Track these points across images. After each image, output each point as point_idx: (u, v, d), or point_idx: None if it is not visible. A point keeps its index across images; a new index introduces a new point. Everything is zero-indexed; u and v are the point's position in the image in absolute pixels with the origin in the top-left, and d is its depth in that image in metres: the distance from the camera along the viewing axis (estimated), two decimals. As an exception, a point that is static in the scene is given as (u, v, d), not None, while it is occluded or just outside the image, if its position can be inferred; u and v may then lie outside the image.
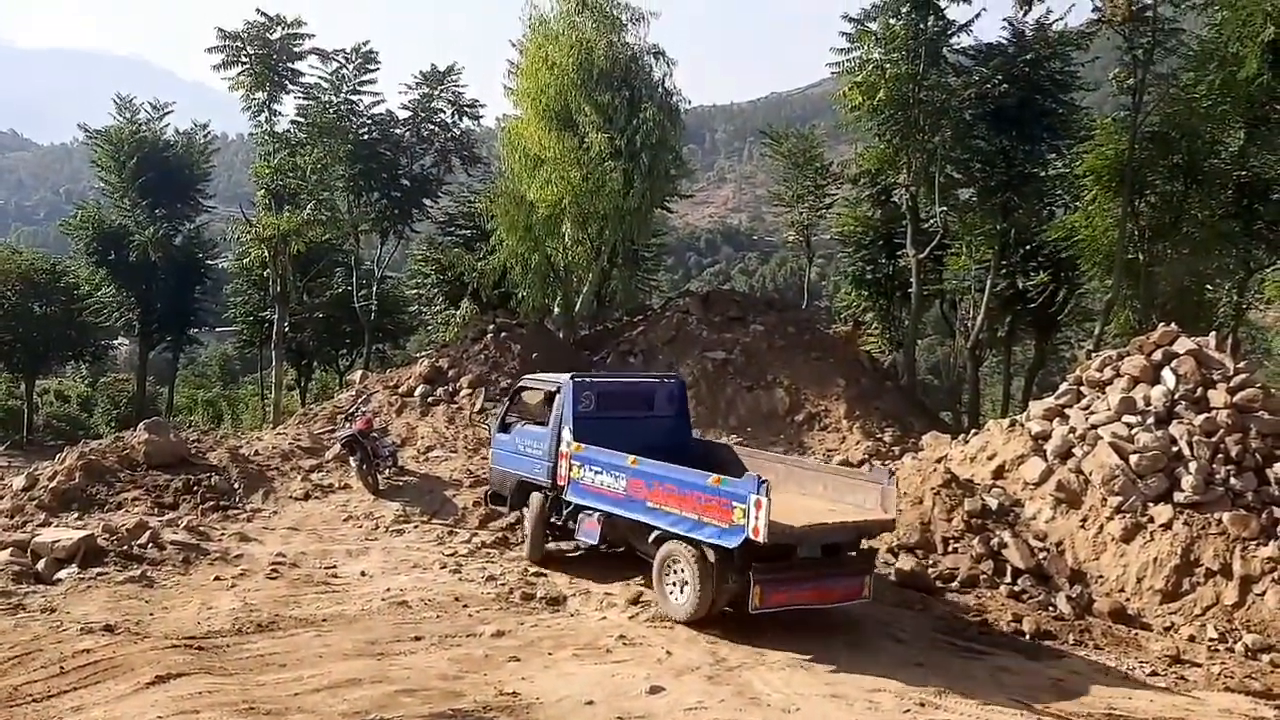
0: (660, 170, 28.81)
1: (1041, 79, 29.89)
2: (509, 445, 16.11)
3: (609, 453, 14.10)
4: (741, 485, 12.14)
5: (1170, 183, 28.43)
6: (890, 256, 34.56)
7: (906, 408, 27.11)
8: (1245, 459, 15.74)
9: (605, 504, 14.12)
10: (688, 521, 12.66)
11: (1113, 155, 27.64)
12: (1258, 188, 28.40)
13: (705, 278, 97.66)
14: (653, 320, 28.94)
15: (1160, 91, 28.16)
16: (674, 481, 13.00)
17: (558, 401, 15.04)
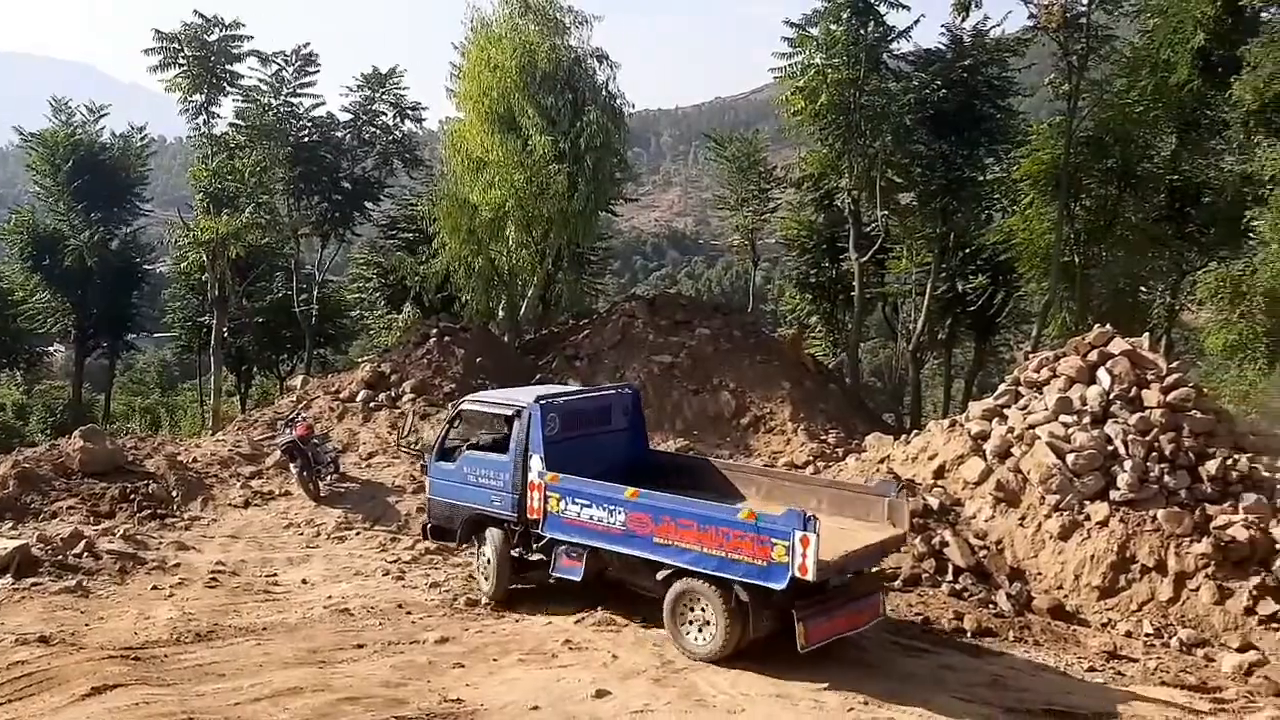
0: (605, 173, 28.78)
1: (979, 85, 30.40)
2: (454, 475, 14.31)
3: (599, 484, 12.82)
4: (782, 521, 11.24)
5: (1104, 187, 29.02)
6: (833, 260, 34.86)
7: (850, 410, 27.32)
8: (1179, 457, 16.03)
9: (596, 540, 12.78)
10: (712, 559, 11.61)
11: (1048, 160, 28.15)
12: (1189, 191, 29.08)
13: (651, 281, 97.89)
14: (598, 324, 28.90)
15: (1094, 97, 28.77)
16: (692, 516, 11.88)
17: (518, 427, 13.47)
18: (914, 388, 34.46)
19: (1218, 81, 26.94)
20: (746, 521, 11.50)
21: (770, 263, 56.08)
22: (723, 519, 11.76)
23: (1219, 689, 12.44)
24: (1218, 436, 16.46)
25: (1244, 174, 26.56)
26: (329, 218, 37.37)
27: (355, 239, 40.62)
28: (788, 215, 37.23)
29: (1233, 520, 14.98)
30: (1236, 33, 26.58)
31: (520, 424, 13.51)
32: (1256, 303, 24.68)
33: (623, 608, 13.71)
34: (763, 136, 40.99)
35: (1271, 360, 26.01)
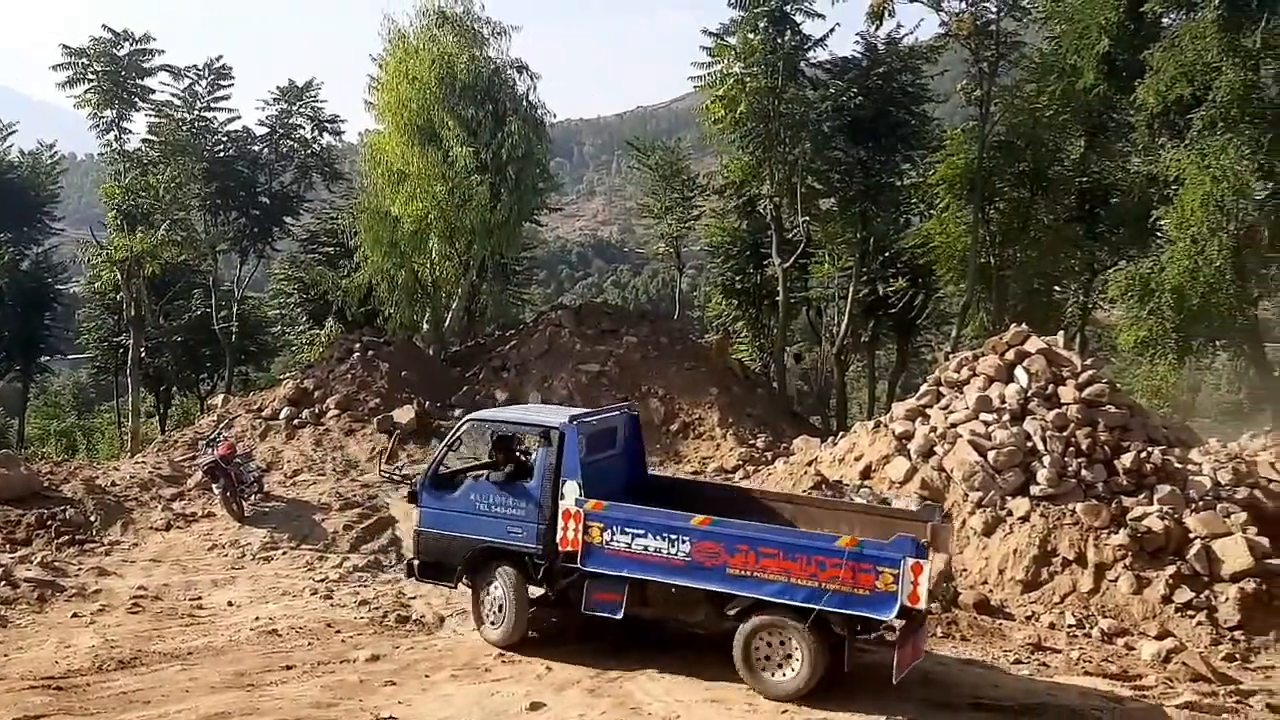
0: (527, 184, 28.75)
1: (894, 92, 30.96)
2: (457, 504, 12.47)
3: (658, 512, 11.67)
4: (891, 548, 10.73)
5: (1017, 190, 29.73)
6: (758, 266, 35.20)
7: (777, 414, 27.61)
8: (1095, 451, 16.47)
9: (650, 573, 11.52)
10: (801, 590, 10.87)
11: (963, 164, 28.75)
12: (1098, 193, 29.92)
13: (578, 291, 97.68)
14: (525, 334, 28.83)
15: (1005, 102, 29.49)
16: (777, 545, 11.08)
17: (547, 449, 12.06)
18: (839, 390, 34.90)
19: (1122, 85, 27.80)
20: (849, 549, 10.83)
21: (696, 269, 56.36)
22: (817, 547, 11.01)
23: (1139, 676, 12.78)
24: (1132, 430, 16.96)
25: (1149, 175, 27.43)
26: (247, 233, 36.85)
27: (275, 254, 40.07)
28: (711, 222, 37.53)
29: (1148, 512, 15.42)
30: (1139, 38, 27.45)
31: (549, 446, 12.03)
32: (1165, 299, 25.45)
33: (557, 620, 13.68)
34: (685, 145, 41.36)
35: (1181, 355, 26.87)
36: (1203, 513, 15.33)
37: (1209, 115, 24.91)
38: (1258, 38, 24.49)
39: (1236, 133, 24.61)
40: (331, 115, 37.51)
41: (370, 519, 19.00)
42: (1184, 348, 26.62)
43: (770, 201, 31.71)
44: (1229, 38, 24.77)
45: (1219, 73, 24.77)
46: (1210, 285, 24.92)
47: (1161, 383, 29.34)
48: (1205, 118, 25.00)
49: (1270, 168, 25.25)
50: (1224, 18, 24.89)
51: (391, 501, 20.06)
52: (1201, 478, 16.04)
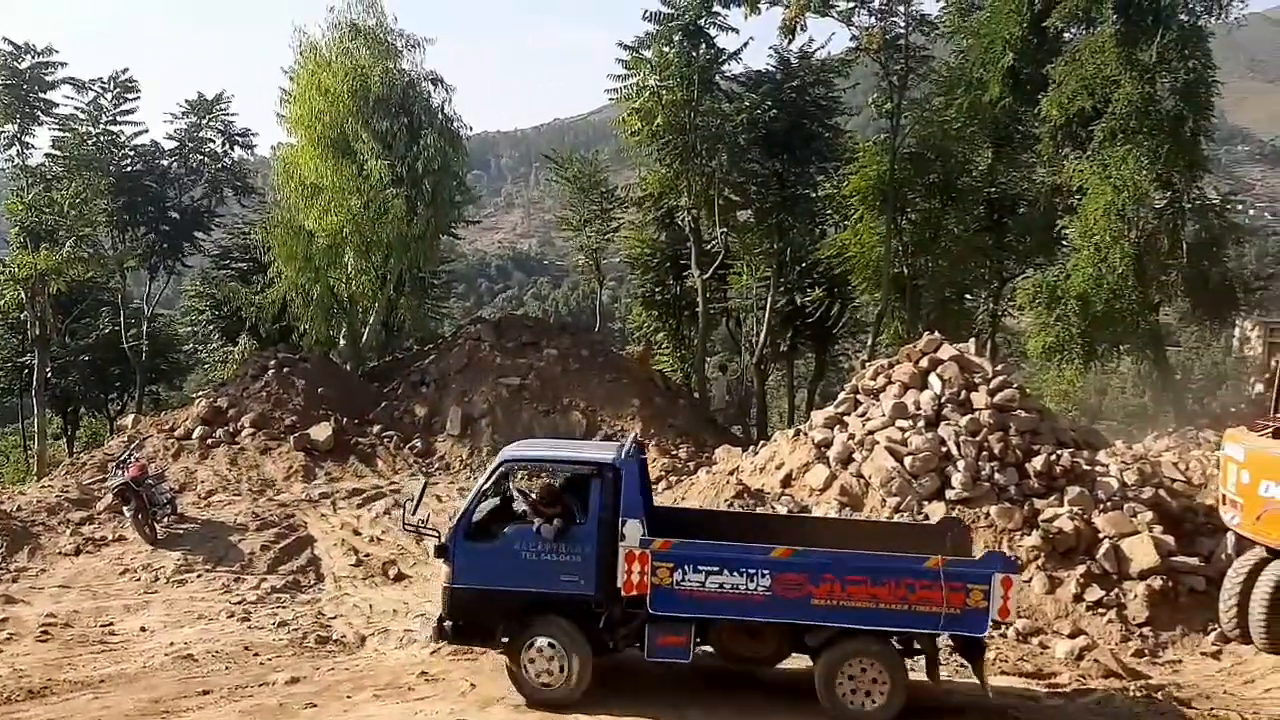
0: (444, 196, 28.65)
1: (807, 104, 31.45)
2: (497, 555, 11.06)
3: (733, 546, 11.11)
4: (981, 565, 10.92)
5: (928, 200, 30.32)
6: (677, 277, 35.37)
7: (699, 424, 27.77)
8: (1007, 455, 16.86)
9: (727, 612, 10.95)
10: (890, 615, 10.76)
11: (875, 175, 29.24)
12: (1005, 203, 30.67)
13: (498, 304, 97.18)
14: (444, 348, 28.63)
15: (915, 115, 30.09)
16: (864, 570, 10.81)
17: (601, 487, 11.07)
18: (760, 399, 35.20)
19: (1027, 98, 28.58)
20: (937, 569, 10.74)
21: (616, 281, 56.49)
22: (905, 569, 10.84)
23: (1054, 674, 13.10)
24: (1041, 434, 17.39)
25: (1054, 185, 28.20)
26: (156, 249, 36.07)
27: (186, 270, 39.21)
28: (630, 234, 37.62)
29: (1059, 513, 15.82)
30: (1042, 52, 28.25)
31: (604, 484, 11.07)
32: (1071, 306, 26.21)
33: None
34: (602, 157, 41.36)
35: (1087, 360, 27.67)
36: (1111, 513, 15.77)
37: (1109, 127, 25.73)
38: (1153, 52, 25.37)
39: (1135, 144, 25.45)
40: (243, 128, 36.95)
41: (288, 539, 18.74)
42: (1089, 353, 27.41)
43: (688, 213, 31.93)
44: (1126, 52, 25.64)
45: (1117, 86, 25.61)
46: (1113, 292, 25.72)
47: (1069, 387, 30.24)
48: (1105, 129, 25.82)
49: (1167, 177, 26.19)
50: (1121, 33, 25.79)
51: (310, 520, 19.79)
52: (1109, 479, 16.51)
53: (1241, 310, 30.24)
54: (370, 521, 19.97)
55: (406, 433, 25.12)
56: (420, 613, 14.81)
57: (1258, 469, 13.35)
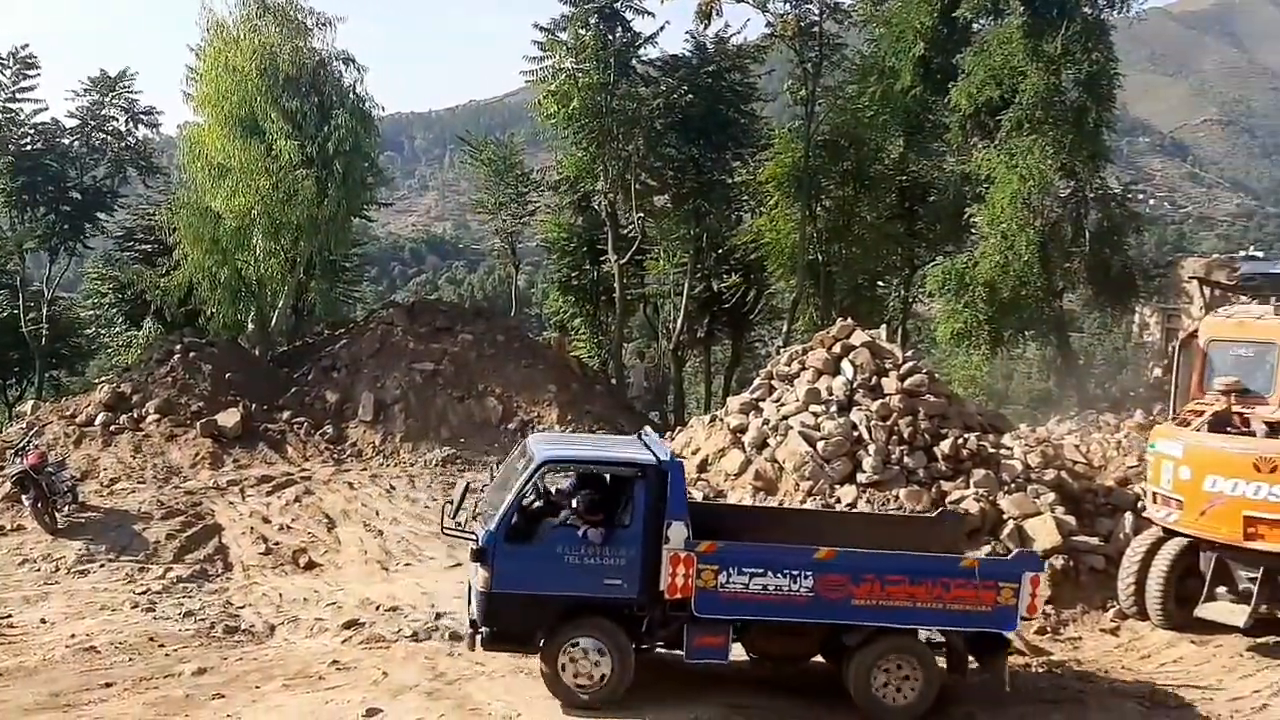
0: (355, 178, 28.17)
1: (723, 90, 31.56)
2: (540, 558, 10.81)
3: (777, 548, 11.15)
4: (1012, 564, 11.42)
5: (842, 188, 30.72)
6: (594, 262, 35.29)
7: (616, 410, 27.79)
8: (916, 439, 17.17)
9: (770, 614, 11.01)
10: (927, 614, 11.06)
11: (790, 162, 29.53)
12: (916, 191, 31.23)
13: (411, 288, 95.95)
14: (356, 333, 28.19)
15: (829, 102, 30.46)
16: (902, 571, 11.02)
17: (645, 488, 10.90)
18: (677, 385, 35.37)
19: (938, 87, 29.07)
20: (971, 568, 11.16)
21: (533, 266, 56.16)
22: (941, 570, 11.18)
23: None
24: (950, 418, 17.75)
25: (963, 174, 28.73)
26: (57, 230, 34.87)
27: (88, 252, 37.99)
28: (547, 218, 37.44)
29: (965, 495, 16.15)
30: (952, 42, 28.76)
31: (648, 485, 10.90)
32: (978, 293, 26.76)
33: (393, 625, 13.48)
34: (518, 140, 41.08)
35: (994, 346, 28.31)
36: (1015, 494, 16.16)
37: (1016, 117, 26.28)
38: (1058, 44, 25.96)
39: (1041, 134, 26.04)
40: (147, 106, 35.83)
41: (195, 527, 18.34)
42: (996, 338, 28.03)
43: (605, 198, 31.90)
44: (1032, 44, 26.20)
45: (1024, 77, 26.17)
46: (1019, 279, 26.33)
47: (976, 372, 30.89)
48: (1012, 119, 26.37)
49: (1072, 167, 26.86)
50: (1028, 24, 26.34)
51: (217, 508, 19.39)
52: (1013, 461, 16.91)
53: (1141, 297, 31.15)
54: (280, 509, 19.62)
55: (317, 419, 24.72)
56: (331, 601, 14.62)
57: (1200, 464, 13.46)
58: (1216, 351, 14.89)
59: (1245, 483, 12.89)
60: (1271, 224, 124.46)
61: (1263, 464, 12.76)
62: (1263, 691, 12.09)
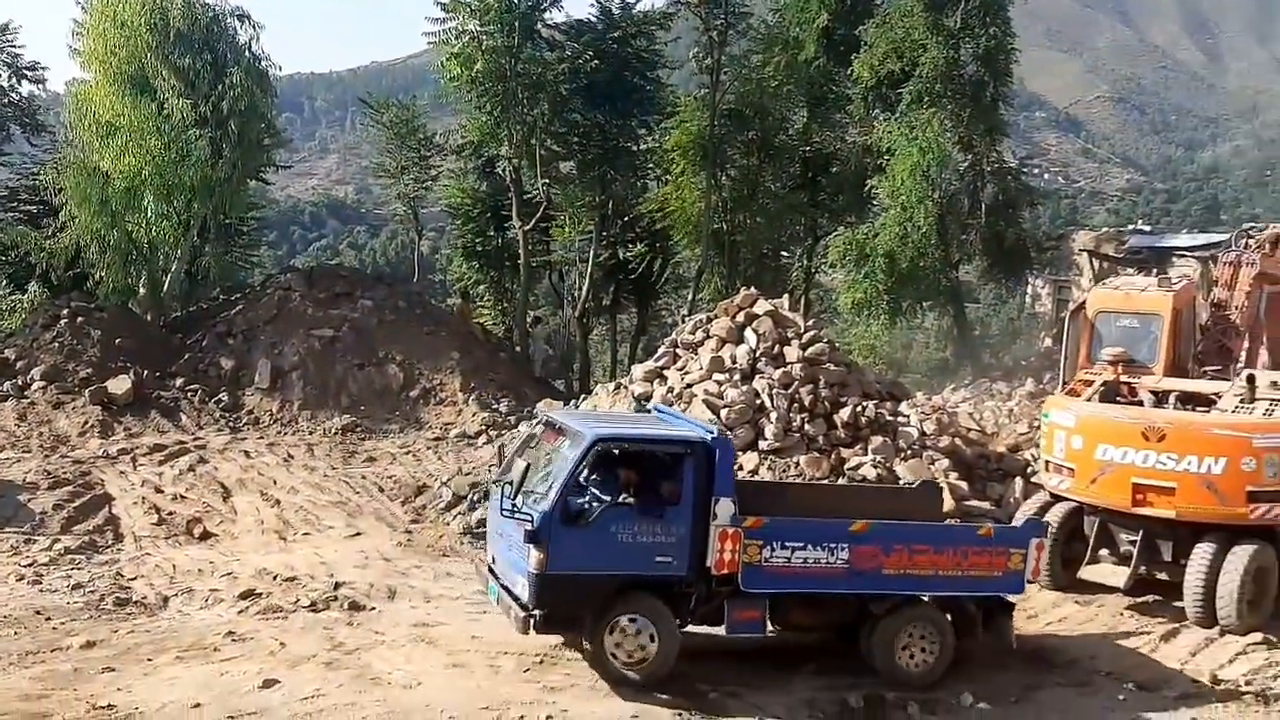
0: (251, 139, 27.59)
1: (629, 56, 31.44)
2: (595, 538, 10.61)
3: (817, 523, 11.38)
4: (1020, 531, 12.15)
5: (747, 157, 30.92)
6: (499, 228, 34.93)
7: (521, 378, 27.72)
8: (817, 407, 17.44)
9: (809, 586, 11.21)
10: (947, 581, 11.45)
11: (696, 131, 29.60)
12: (819, 162, 31.58)
13: (312, 253, 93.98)
14: (253, 299, 27.59)
15: (734, 71, 30.50)
16: (927, 540, 11.48)
17: (693, 466, 10.85)
18: (582, 353, 35.34)
19: (840, 59, 29.41)
20: (987, 537, 11.85)
21: (436, 231, 55.42)
22: (962, 538, 11.90)
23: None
24: (849, 386, 18.05)
25: (865, 145, 29.15)
26: (-66, 191, 33.31)
27: (-32, 213, 36.34)
28: (450, 183, 36.93)
29: (863, 461, 16.52)
30: (855, 14, 29.11)
31: (696, 462, 10.85)
32: (878, 264, 27.25)
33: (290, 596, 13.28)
34: (421, 103, 40.36)
35: (892, 315, 28.88)
36: (910, 460, 16.57)
37: (916, 90, 26.75)
38: (958, 18, 26.49)
39: (940, 107, 26.57)
40: (31, 62, 34.29)
41: (84, 497, 17.77)
42: (895, 308, 28.60)
43: (509, 163, 31.56)
44: (933, 17, 26.69)
45: (924, 50, 26.63)
46: (918, 250, 26.88)
47: (876, 341, 31.49)
48: (913, 92, 26.83)
49: (969, 140, 27.46)
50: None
51: (107, 478, 18.84)
52: (910, 428, 17.31)
53: (1034, 269, 32.10)
54: (174, 479, 19.15)
55: (212, 386, 24.17)
56: (227, 572, 14.33)
57: (1092, 434, 13.82)
58: (1104, 322, 15.40)
59: (1135, 451, 13.34)
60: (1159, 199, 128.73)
61: (1151, 433, 13.24)
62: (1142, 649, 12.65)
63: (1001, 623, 11.84)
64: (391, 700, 10.03)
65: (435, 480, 19.28)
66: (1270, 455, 12.62)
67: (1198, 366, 15.29)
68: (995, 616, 11.81)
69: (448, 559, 15.73)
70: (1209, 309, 15.97)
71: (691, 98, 31.24)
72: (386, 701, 10.00)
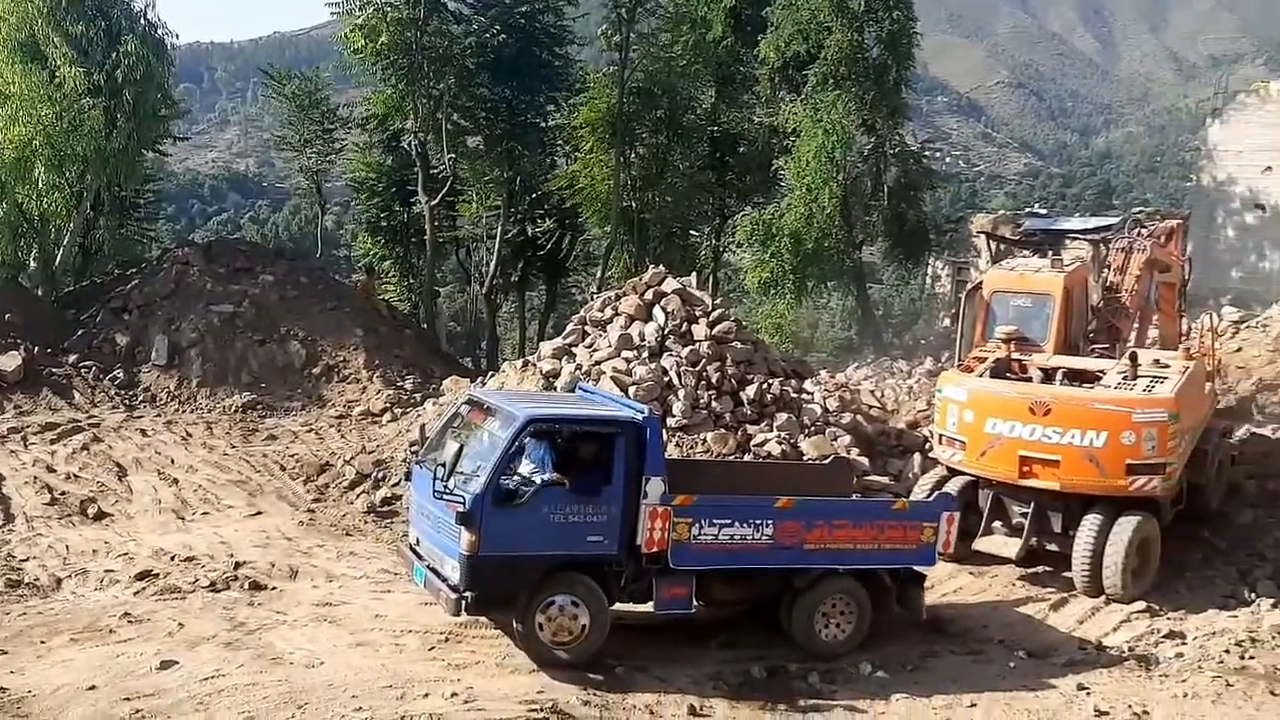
0: (148, 109, 26.93)
1: (537, 31, 31.25)
2: (527, 519, 10.55)
3: (745, 500, 11.57)
4: (932, 505, 12.42)
5: (656, 136, 31.04)
6: (405, 203, 34.44)
7: (427, 355, 27.48)
8: (724, 384, 17.66)
9: (736, 562, 11.33)
10: (865, 554, 11.69)
11: (604, 108, 29.61)
12: (727, 142, 31.79)
13: (211, 227, 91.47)
14: (149, 273, 26.86)
15: (643, 49, 30.54)
16: (847, 515, 11.85)
17: (624, 445, 10.83)
18: (490, 330, 35.15)
19: (748, 39, 29.61)
20: (902, 511, 12.26)
21: (340, 206, 54.48)
22: (879, 512, 12.29)
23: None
24: (755, 364, 18.32)
25: (771, 126, 29.45)
26: None
27: None
28: (355, 157, 36.31)
29: (768, 438, 16.77)
30: (762, -5, 29.27)
31: (627, 441, 10.85)
32: (784, 243, 27.62)
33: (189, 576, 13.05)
34: (325, 75, 39.49)
35: (798, 295, 29.33)
36: (814, 437, 16.89)
37: (821, 72, 27.10)
38: (862, 1, 26.82)
39: (844, 89, 26.95)
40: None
41: (-32, 479, 17.17)
42: (800, 288, 29.04)
43: (415, 137, 31.20)
44: (839, 0, 26.95)
45: (830, 33, 26.96)
46: (823, 231, 27.32)
47: (782, 320, 31.92)
48: (818, 74, 27.17)
49: (873, 123, 27.93)
50: (834, -20, 27.09)
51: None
52: (814, 405, 17.63)
53: (934, 250, 32.83)
54: (66, 458, 18.61)
55: (107, 363, 23.50)
56: (122, 552, 14.01)
57: (982, 408, 14.16)
58: (999, 302, 15.83)
59: (1021, 425, 13.75)
60: (1055, 183, 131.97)
61: (1037, 407, 13.67)
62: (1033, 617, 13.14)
63: (913, 594, 12.14)
64: (294, 680, 9.91)
65: (338, 459, 19.07)
66: (1148, 429, 13.09)
67: (1088, 345, 15.80)
68: (908, 588, 12.10)
69: (351, 538, 15.62)
70: (1100, 291, 16.51)
71: (600, 75, 31.19)
72: (289, 681, 9.88)
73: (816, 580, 11.56)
